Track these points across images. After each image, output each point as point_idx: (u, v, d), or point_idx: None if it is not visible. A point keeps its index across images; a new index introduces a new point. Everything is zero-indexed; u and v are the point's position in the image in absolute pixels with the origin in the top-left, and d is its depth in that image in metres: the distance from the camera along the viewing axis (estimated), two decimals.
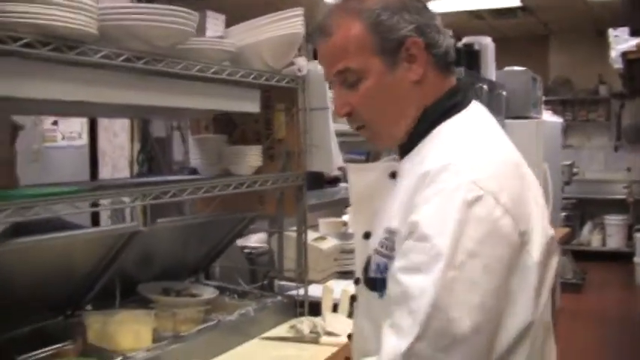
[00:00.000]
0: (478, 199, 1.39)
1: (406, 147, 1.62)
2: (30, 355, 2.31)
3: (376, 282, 1.55)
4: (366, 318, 1.65)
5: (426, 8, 1.64)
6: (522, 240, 1.44)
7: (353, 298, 1.78)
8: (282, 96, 3.04)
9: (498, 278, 1.40)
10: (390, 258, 1.51)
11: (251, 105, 2.84)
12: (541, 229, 1.49)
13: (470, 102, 1.65)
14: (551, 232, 1.53)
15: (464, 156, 1.47)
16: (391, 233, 1.52)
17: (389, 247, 1.52)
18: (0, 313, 2.30)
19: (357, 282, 1.74)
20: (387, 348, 1.40)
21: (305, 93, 3.00)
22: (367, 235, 1.66)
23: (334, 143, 3.04)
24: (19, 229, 2.39)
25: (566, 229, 6.78)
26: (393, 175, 1.63)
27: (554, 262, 1.55)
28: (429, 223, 1.40)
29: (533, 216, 1.48)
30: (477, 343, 1.38)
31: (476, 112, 1.65)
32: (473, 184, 1.41)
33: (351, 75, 1.57)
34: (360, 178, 1.75)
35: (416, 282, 1.38)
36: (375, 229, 1.62)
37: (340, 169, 4.29)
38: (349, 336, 1.87)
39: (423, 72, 1.59)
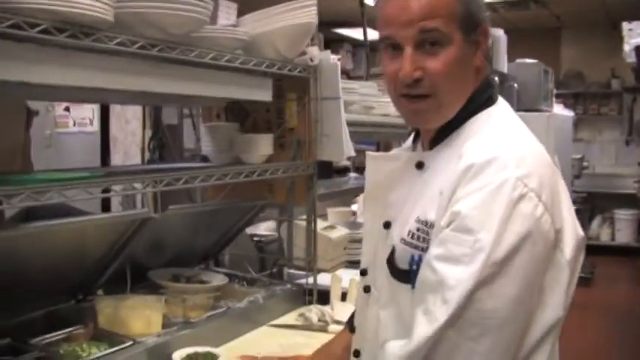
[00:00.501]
0: (523, 196, 1.41)
1: (437, 137, 1.61)
2: (42, 338, 2.34)
3: (409, 274, 1.55)
4: (388, 309, 1.64)
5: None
6: (557, 237, 1.46)
7: (367, 290, 1.75)
8: (294, 85, 3.06)
9: (535, 274, 1.42)
10: (423, 249, 1.51)
11: (263, 93, 2.86)
12: (572, 227, 1.52)
13: (498, 96, 1.65)
14: (580, 230, 1.55)
15: (508, 151, 1.47)
16: (425, 224, 1.52)
17: (421, 239, 1.53)
18: (14, 297, 2.34)
19: (364, 273, 1.76)
20: (418, 332, 1.42)
21: (317, 82, 3.00)
22: (387, 225, 1.66)
23: (345, 133, 3.04)
24: (28, 215, 2.42)
25: None
26: (419, 166, 1.62)
27: (582, 258, 1.56)
28: (474, 216, 1.40)
29: (565, 214, 1.50)
30: (507, 335, 1.41)
31: (505, 106, 1.65)
32: (519, 180, 1.41)
33: (437, 38, 1.51)
34: (380, 167, 1.73)
35: (454, 273, 1.39)
36: (399, 219, 1.62)
37: (349, 158, 4.32)
38: (352, 329, 1.88)
39: (482, 60, 1.59)
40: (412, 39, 1.51)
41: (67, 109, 5.89)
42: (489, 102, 1.60)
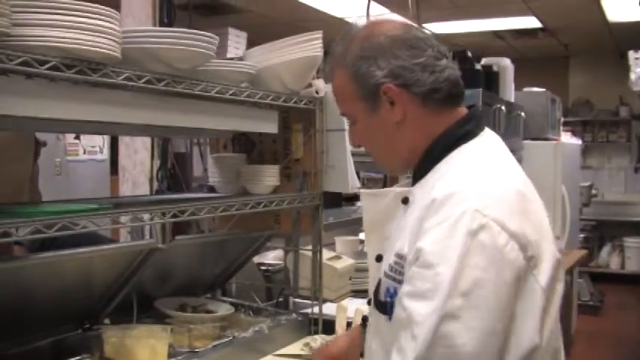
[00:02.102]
0: (482, 227, 1.43)
1: (419, 173, 1.68)
2: None
3: (386, 305, 1.58)
4: (375, 339, 1.68)
5: (407, 48, 1.66)
6: (529, 264, 1.46)
7: (365, 319, 1.81)
8: (300, 116, 3.10)
9: (505, 303, 1.42)
10: (400, 282, 1.53)
11: (269, 126, 2.90)
12: (550, 254, 1.53)
13: (483, 129, 1.70)
14: (558, 256, 1.56)
15: (469, 184, 1.51)
16: (401, 258, 1.54)
17: (398, 272, 1.55)
18: (21, 325, 2.37)
19: (369, 303, 1.78)
20: None
21: (322, 114, 3.04)
22: (379, 259, 1.71)
23: (350, 164, 3.07)
24: (44, 240, 2.45)
25: (584, 251, 6.77)
26: (405, 201, 1.67)
27: (561, 287, 1.57)
28: (433, 251, 1.43)
29: (542, 241, 1.52)
30: None
31: (487, 139, 1.70)
32: (477, 212, 1.44)
33: (348, 117, 1.77)
34: (373, 203, 1.81)
35: (420, 308, 1.41)
36: (386, 252, 1.66)
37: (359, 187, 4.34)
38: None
39: (403, 112, 1.66)
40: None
41: (77, 137, 5.96)
42: (467, 137, 1.66)
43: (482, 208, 1.45)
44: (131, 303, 2.70)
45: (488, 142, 1.70)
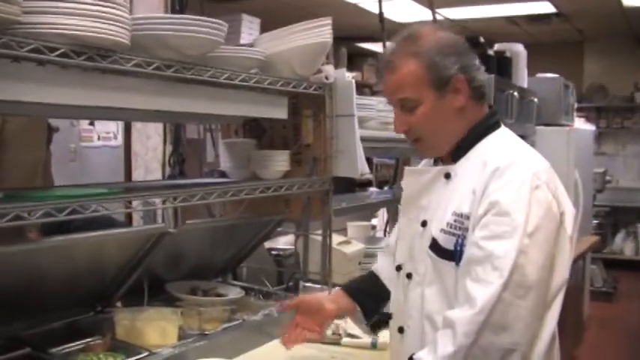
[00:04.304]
0: (538, 187, 1.86)
1: (457, 154, 2.03)
2: (61, 348, 2.41)
3: (454, 253, 1.92)
4: (432, 286, 1.98)
5: (469, 51, 2.04)
6: (561, 218, 1.90)
7: (409, 276, 2.08)
8: (309, 102, 3.12)
9: (551, 245, 1.85)
10: (460, 235, 1.91)
11: (279, 111, 2.92)
12: (570, 211, 1.95)
13: (501, 124, 2.10)
14: (574, 212, 1.99)
15: (521, 156, 1.95)
16: (461, 216, 1.91)
17: (458, 227, 1.92)
18: (34, 307, 2.41)
19: (399, 268, 2.13)
20: (478, 296, 1.78)
21: (332, 100, 3.06)
22: (424, 224, 2.03)
23: (359, 150, 3.10)
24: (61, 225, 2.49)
25: (596, 237, 6.76)
26: (447, 176, 2.02)
27: (575, 237, 2.01)
28: (508, 202, 1.82)
29: (566, 201, 1.94)
30: (540, 292, 1.81)
31: (508, 130, 2.10)
32: (534, 175, 1.87)
33: (410, 102, 1.99)
34: (414, 180, 2.13)
35: (500, 246, 1.79)
36: (434, 217, 1.99)
37: (373, 173, 4.35)
38: (389, 315, 2.21)
39: (464, 101, 2.00)
40: (395, 104, 2.03)
41: (91, 123, 5.99)
42: (495, 126, 2.07)
43: (536, 173, 1.88)
44: (142, 286, 2.74)
45: (509, 132, 2.09)
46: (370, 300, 2.37)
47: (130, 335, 2.49)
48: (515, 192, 1.84)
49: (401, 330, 2.10)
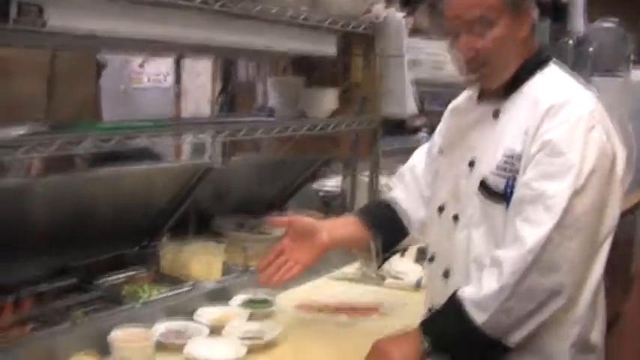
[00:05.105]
0: (593, 127, 1.79)
1: (507, 91, 1.93)
2: (107, 279, 2.44)
3: (504, 195, 1.86)
4: (480, 228, 1.92)
5: None
6: (614, 160, 1.85)
7: (455, 218, 2.00)
8: (359, 41, 3.07)
9: (604, 187, 1.80)
10: (510, 176, 1.84)
11: (328, 48, 2.88)
12: (620, 154, 1.89)
13: (551, 59, 1.99)
14: (623, 155, 1.92)
15: (576, 94, 1.86)
16: (512, 157, 1.85)
17: (508, 169, 1.85)
18: (82, 240, 2.44)
19: (441, 209, 2.05)
20: (526, 235, 1.75)
21: (381, 39, 3.01)
22: (472, 164, 1.96)
23: (408, 90, 3.06)
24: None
25: None
26: (496, 114, 1.94)
27: (627, 180, 1.95)
28: (562, 142, 1.76)
29: (617, 143, 1.88)
30: (589, 235, 1.78)
31: (558, 67, 1.97)
32: (590, 114, 1.80)
33: (485, 21, 1.86)
34: (461, 118, 2.07)
35: (552, 186, 1.75)
36: (483, 157, 1.93)
37: (421, 117, 4.32)
38: (431, 258, 2.12)
39: (528, 31, 1.92)
40: (464, 27, 1.88)
41: (141, 65, 5.98)
42: (545, 63, 1.95)
43: (592, 112, 1.81)
44: (188, 221, 2.75)
45: (559, 69, 1.97)
46: (387, 234, 2.25)
47: (175, 268, 2.51)
48: (570, 131, 1.78)
49: (446, 274, 2.03)
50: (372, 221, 2.24)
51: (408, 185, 2.29)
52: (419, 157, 2.34)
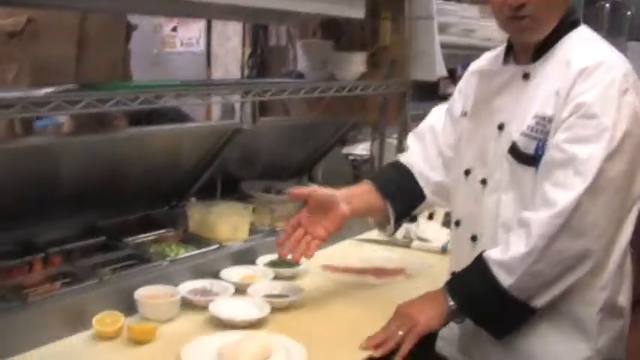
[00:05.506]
0: (627, 90, 1.75)
1: (538, 52, 1.89)
2: (135, 237, 2.47)
3: (535, 158, 1.83)
4: (509, 192, 1.89)
5: None
6: None
7: (484, 182, 1.97)
8: (388, 4, 3.05)
9: (637, 151, 1.76)
10: (541, 138, 1.81)
11: (356, 11, 2.85)
12: None
13: (581, 22, 1.94)
14: None
15: (609, 56, 1.81)
16: (543, 119, 1.81)
17: (539, 131, 1.82)
18: (113, 200, 2.47)
19: (468, 172, 2.01)
20: (556, 199, 1.72)
21: (410, 1, 2.99)
22: (501, 126, 1.92)
23: (438, 53, 3.03)
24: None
25: None
26: (526, 77, 1.89)
27: None
28: (596, 105, 1.72)
29: None
30: (619, 200, 1.76)
31: (588, 29, 1.93)
32: (624, 77, 1.76)
33: None
34: (490, 80, 1.99)
35: (584, 150, 1.71)
36: (513, 120, 1.89)
37: (452, 82, 4.28)
38: (457, 222, 2.08)
39: None
40: None
41: (174, 29, 6.00)
42: (576, 24, 1.91)
43: (625, 75, 1.77)
44: (216, 183, 2.77)
45: (589, 30, 1.93)
46: (403, 200, 2.22)
47: (202, 229, 2.53)
48: (603, 94, 1.73)
49: (474, 238, 1.99)
50: (388, 188, 2.21)
51: (427, 146, 2.25)
52: (437, 116, 2.29)
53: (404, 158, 2.29)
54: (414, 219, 2.28)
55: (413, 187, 2.22)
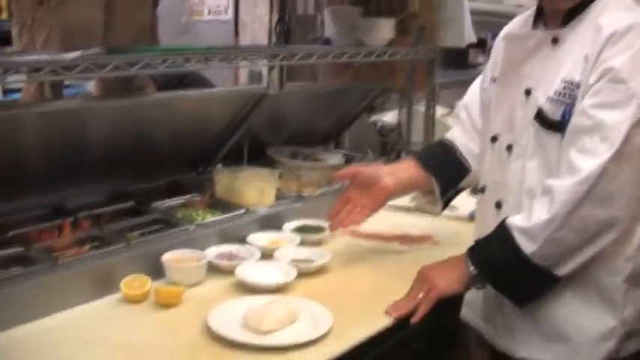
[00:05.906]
0: None
1: (568, 17, 1.85)
2: (163, 202, 2.48)
3: (561, 124, 1.79)
4: (533, 159, 1.87)
5: None
6: None
7: (509, 148, 1.94)
8: None
9: None
10: (569, 104, 1.78)
11: None
12: None
13: None
14: None
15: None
16: (571, 84, 1.78)
17: (567, 95, 1.78)
18: (141, 165, 2.48)
19: (495, 139, 1.99)
20: (580, 165, 1.69)
21: None
22: (529, 92, 1.89)
23: (467, 20, 3.01)
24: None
25: None
26: (555, 41, 1.86)
27: None
28: (625, 69, 1.68)
29: None
30: None
31: None
32: None
33: None
34: (519, 45, 1.95)
35: (611, 115, 1.68)
36: (540, 85, 1.86)
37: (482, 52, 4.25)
38: (482, 189, 2.07)
39: None
40: None
41: None
42: None
43: None
44: (243, 149, 2.76)
45: None
46: (448, 173, 2.24)
47: (229, 194, 2.54)
48: (633, 59, 1.69)
49: (498, 205, 1.97)
50: (431, 162, 2.23)
51: (464, 122, 2.25)
52: (472, 92, 2.28)
53: (445, 136, 2.30)
54: (460, 192, 2.26)
55: (456, 160, 2.23)
